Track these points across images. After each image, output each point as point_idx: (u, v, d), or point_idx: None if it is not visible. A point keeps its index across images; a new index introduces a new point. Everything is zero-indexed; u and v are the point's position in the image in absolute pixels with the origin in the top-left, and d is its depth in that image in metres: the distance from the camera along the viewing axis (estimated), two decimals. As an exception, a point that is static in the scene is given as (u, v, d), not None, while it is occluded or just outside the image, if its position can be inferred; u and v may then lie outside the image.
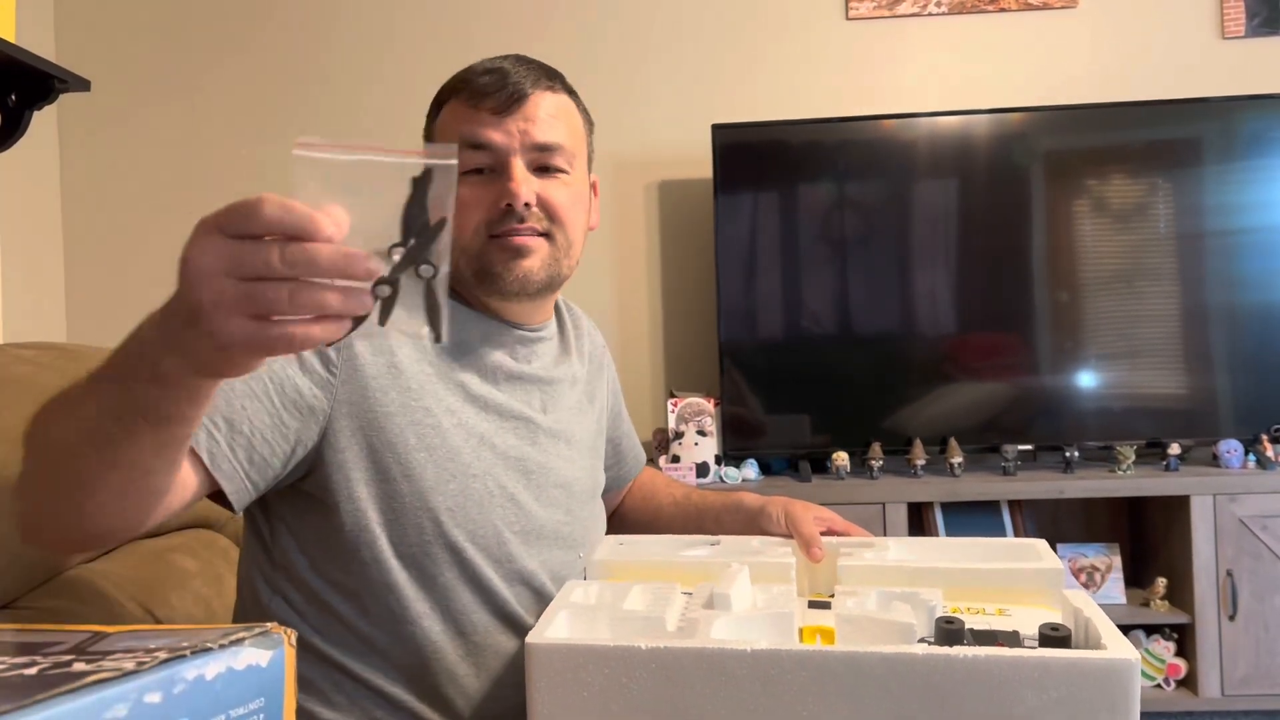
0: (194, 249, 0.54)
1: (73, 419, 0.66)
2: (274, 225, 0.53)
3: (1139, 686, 0.67)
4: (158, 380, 0.60)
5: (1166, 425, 2.44)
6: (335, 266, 0.53)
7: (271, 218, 0.52)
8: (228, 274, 0.53)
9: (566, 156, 0.97)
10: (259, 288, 0.53)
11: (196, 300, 0.54)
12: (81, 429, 0.65)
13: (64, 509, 0.71)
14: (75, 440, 0.66)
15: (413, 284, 0.57)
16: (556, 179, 0.97)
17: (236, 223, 0.53)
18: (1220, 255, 2.45)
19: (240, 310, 0.53)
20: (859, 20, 2.68)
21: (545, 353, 1.06)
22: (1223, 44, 2.63)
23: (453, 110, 0.97)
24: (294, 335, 0.54)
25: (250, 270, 0.53)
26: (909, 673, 0.68)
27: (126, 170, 2.75)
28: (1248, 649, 2.25)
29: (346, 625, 0.91)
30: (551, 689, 0.71)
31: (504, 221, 0.94)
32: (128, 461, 0.66)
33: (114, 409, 0.63)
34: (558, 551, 0.99)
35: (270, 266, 0.52)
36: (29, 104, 1.68)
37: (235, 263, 0.53)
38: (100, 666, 0.36)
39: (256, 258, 0.52)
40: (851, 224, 2.51)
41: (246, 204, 0.53)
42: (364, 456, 0.89)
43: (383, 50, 2.73)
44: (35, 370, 1.05)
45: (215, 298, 0.53)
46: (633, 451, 1.29)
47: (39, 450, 0.70)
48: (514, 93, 0.94)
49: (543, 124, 0.95)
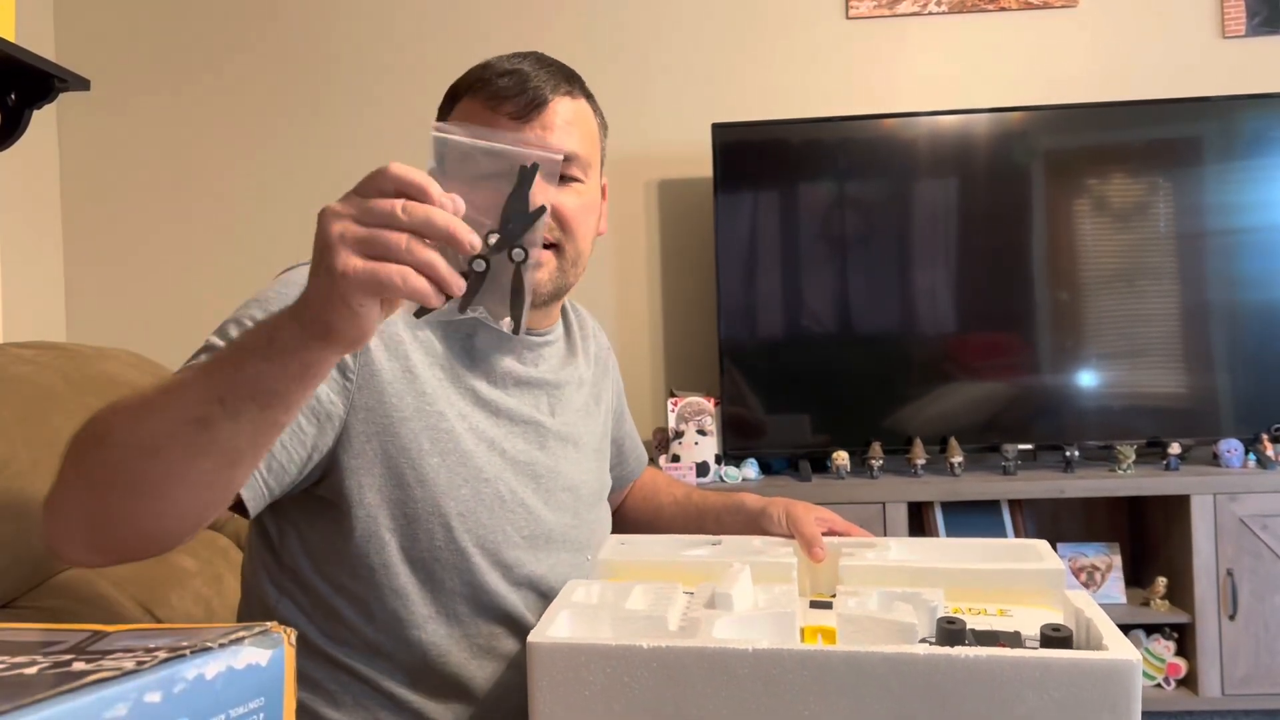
0: (332, 205, 0.62)
1: (157, 415, 0.67)
2: (400, 183, 0.60)
3: (1140, 687, 0.67)
4: (272, 352, 0.63)
5: (1167, 425, 2.44)
6: (447, 229, 0.60)
7: (399, 176, 0.60)
8: (356, 220, 0.60)
9: (581, 165, 0.96)
10: (380, 233, 0.60)
11: (325, 237, 0.60)
12: (170, 423, 0.66)
13: (128, 512, 0.70)
14: (159, 436, 0.67)
15: (503, 267, 0.64)
16: (570, 188, 0.96)
17: (368, 185, 0.61)
18: (1220, 255, 2.45)
19: (362, 250, 0.59)
20: (859, 19, 2.68)
21: (552, 356, 1.06)
22: (1223, 43, 2.63)
23: (469, 109, 0.96)
24: (406, 276, 0.59)
25: (375, 218, 0.60)
26: (910, 673, 0.68)
27: (126, 169, 2.75)
28: (1248, 648, 2.25)
29: (353, 628, 0.91)
30: (553, 688, 0.71)
31: None
32: (220, 449, 0.67)
33: (218, 392, 0.65)
34: (565, 555, 0.99)
35: (393, 217, 0.59)
36: (29, 103, 1.68)
37: (363, 210, 0.60)
38: (100, 666, 0.36)
39: (381, 208, 0.60)
40: (852, 223, 2.51)
41: (379, 170, 0.61)
42: (379, 462, 0.89)
43: (383, 48, 2.73)
44: (35, 370, 1.05)
45: (341, 232, 0.60)
46: (635, 452, 1.29)
47: (100, 455, 0.69)
48: (533, 99, 0.93)
49: (560, 132, 0.94)
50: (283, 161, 2.75)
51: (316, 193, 2.73)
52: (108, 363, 1.19)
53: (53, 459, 0.96)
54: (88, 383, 1.10)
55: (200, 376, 0.66)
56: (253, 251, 2.73)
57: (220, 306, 2.86)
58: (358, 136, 2.73)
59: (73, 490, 0.71)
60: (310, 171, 2.74)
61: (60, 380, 1.06)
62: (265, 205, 2.75)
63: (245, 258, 2.73)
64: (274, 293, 0.88)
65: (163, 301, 2.73)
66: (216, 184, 2.75)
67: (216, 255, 2.74)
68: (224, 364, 0.65)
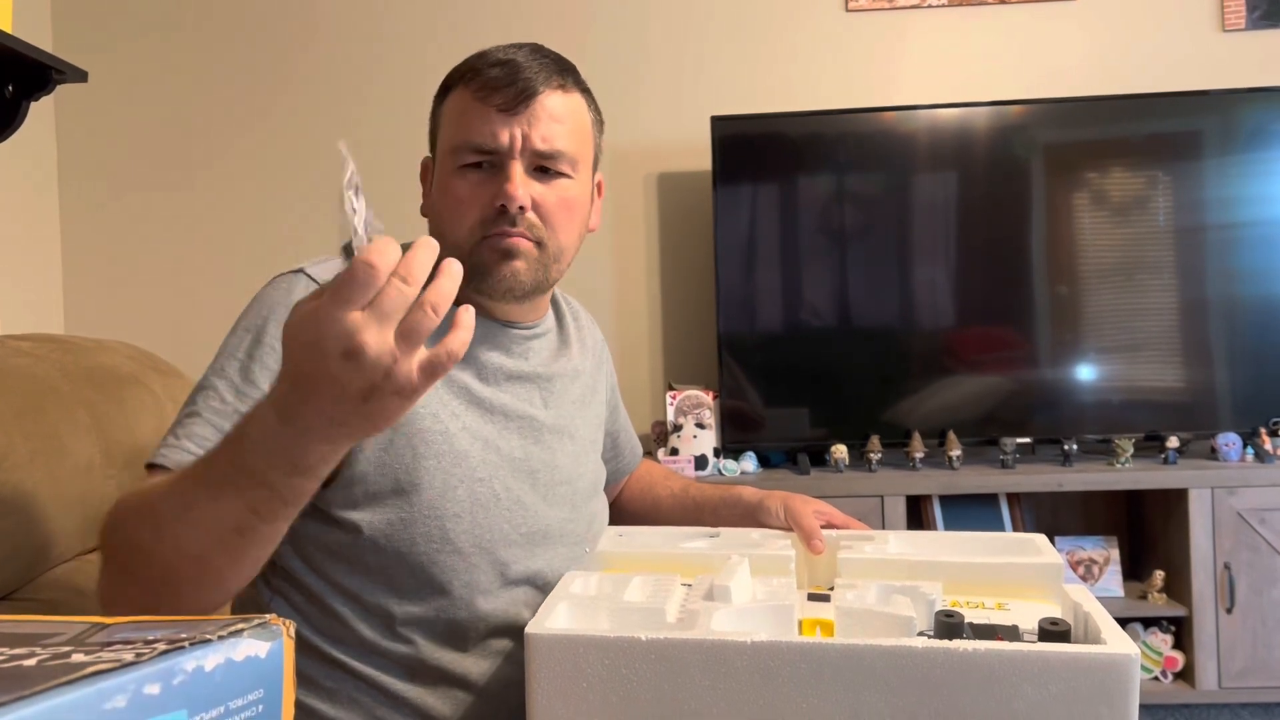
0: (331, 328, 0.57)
1: (198, 530, 0.68)
2: (377, 269, 0.57)
3: (1138, 681, 0.67)
4: (305, 468, 0.64)
5: (1165, 418, 2.44)
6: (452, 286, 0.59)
7: (372, 264, 0.57)
8: (378, 324, 0.57)
9: (569, 161, 0.95)
10: (417, 320, 0.58)
11: (364, 365, 0.58)
12: (211, 536, 0.67)
13: (185, 597, 0.71)
14: (203, 548, 0.68)
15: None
16: (555, 184, 0.95)
17: (346, 289, 0.57)
18: (1219, 249, 2.45)
19: (409, 351, 0.58)
20: (859, 12, 2.67)
21: (542, 349, 1.05)
22: (1223, 36, 2.62)
23: (459, 100, 0.95)
24: (452, 352, 0.60)
25: (394, 308, 0.58)
26: (908, 666, 0.68)
27: (123, 161, 2.75)
28: (1245, 642, 2.26)
29: (348, 626, 0.91)
30: (551, 679, 0.71)
31: (497, 222, 0.93)
32: (263, 539, 0.69)
33: (251, 505, 0.65)
34: (562, 549, 0.99)
35: (403, 299, 0.58)
36: (26, 95, 1.68)
37: (384, 315, 0.57)
38: (99, 658, 0.36)
39: (396, 298, 0.57)
40: (851, 216, 2.50)
41: (347, 273, 0.57)
42: (375, 470, 0.89)
43: (382, 41, 2.72)
44: (32, 362, 1.05)
45: (378, 352, 0.57)
46: (630, 445, 1.29)
47: (147, 562, 0.71)
48: (523, 90, 0.92)
49: (548, 127, 0.93)
50: (280, 153, 2.74)
51: (315, 184, 2.73)
52: (105, 355, 1.18)
53: (50, 451, 0.96)
54: (85, 375, 1.10)
55: (229, 491, 0.66)
56: (250, 243, 2.73)
57: (217, 297, 2.87)
58: (357, 127, 2.72)
59: (125, 589, 0.73)
60: (309, 162, 2.73)
61: (58, 372, 1.06)
62: (263, 197, 2.74)
63: (243, 248, 2.73)
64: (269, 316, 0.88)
65: (160, 293, 2.73)
66: (214, 176, 2.74)
67: (214, 246, 2.74)
68: (252, 479, 0.65)
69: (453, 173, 0.94)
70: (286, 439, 0.62)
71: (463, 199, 0.93)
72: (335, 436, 0.62)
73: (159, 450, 0.83)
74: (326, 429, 0.61)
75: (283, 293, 0.90)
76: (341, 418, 0.60)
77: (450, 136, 0.96)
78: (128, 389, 1.14)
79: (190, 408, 0.85)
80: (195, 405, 0.85)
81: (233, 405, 0.84)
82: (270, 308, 0.89)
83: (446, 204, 0.95)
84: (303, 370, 0.60)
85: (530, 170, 0.94)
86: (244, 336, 0.88)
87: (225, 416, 0.84)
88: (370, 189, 2.32)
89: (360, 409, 0.60)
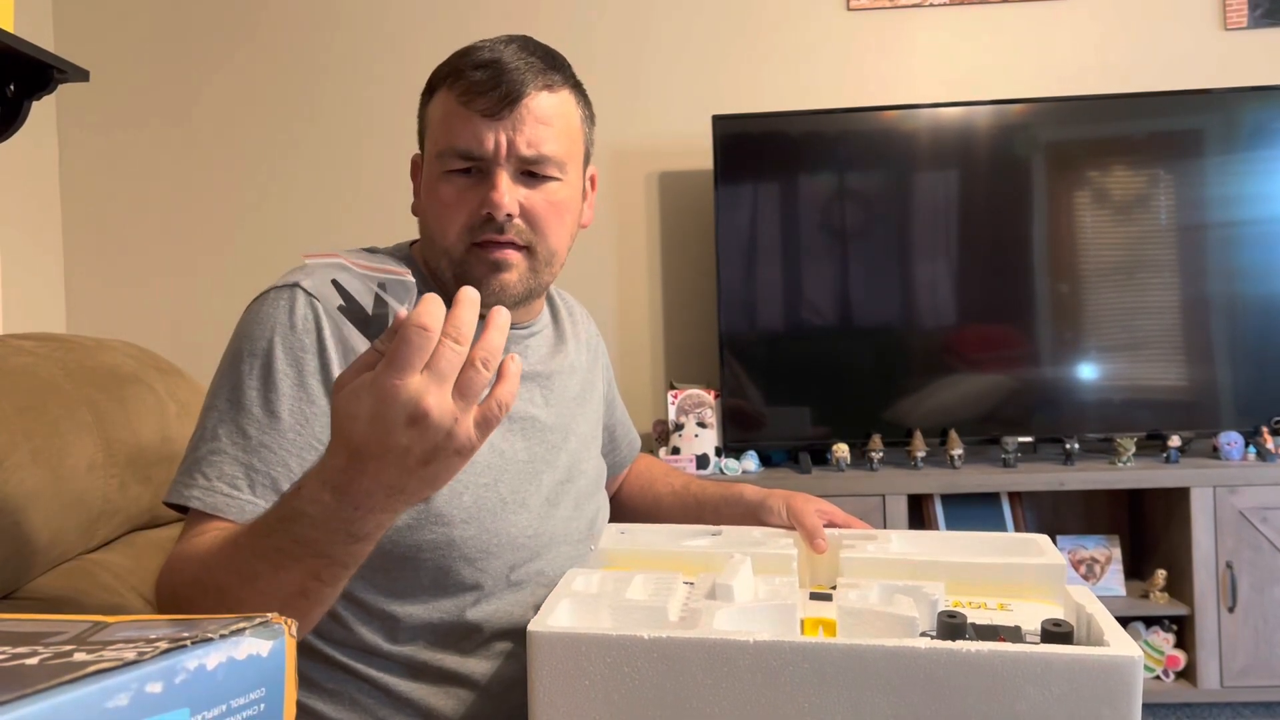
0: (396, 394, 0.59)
1: (263, 597, 0.68)
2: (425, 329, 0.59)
3: (1141, 683, 0.67)
4: (361, 536, 0.65)
5: (1167, 417, 2.44)
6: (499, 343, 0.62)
7: (423, 325, 0.59)
8: (437, 385, 0.59)
9: (557, 164, 0.93)
10: (470, 379, 0.60)
11: (429, 445, 0.60)
12: (276, 602, 0.68)
13: None
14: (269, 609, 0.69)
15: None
16: (544, 188, 0.93)
17: (405, 351, 0.59)
18: (1221, 247, 2.44)
19: (467, 409, 0.60)
20: (860, 10, 2.67)
21: (539, 347, 1.05)
22: (1225, 35, 2.62)
23: (443, 103, 0.93)
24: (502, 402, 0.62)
25: (447, 367, 0.59)
26: (911, 666, 0.68)
27: (125, 160, 2.75)
28: (1247, 641, 2.25)
29: (350, 629, 0.91)
30: (553, 677, 0.71)
31: (484, 229, 0.91)
32: (326, 598, 0.70)
33: (313, 571, 0.67)
34: (566, 548, 0.99)
35: (456, 358, 0.60)
36: (28, 94, 1.68)
37: (443, 376, 0.59)
38: (101, 656, 0.36)
39: (449, 359, 0.60)
40: (852, 215, 2.50)
41: (402, 334, 0.59)
42: None
43: (382, 38, 2.72)
44: (34, 361, 1.05)
45: (441, 415, 0.59)
46: (627, 438, 1.29)
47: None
48: (507, 94, 0.90)
49: (534, 131, 0.91)
50: (282, 153, 2.74)
51: (316, 184, 2.73)
52: (107, 354, 1.18)
53: (52, 450, 0.96)
54: (87, 374, 1.10)
55: (289, 562, 0.67)
56: (252, 242, 2.73)
57: (219, 297, 2.86)
58: (357, 128, 2.72)
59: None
60: (311, 162, 2.73)
61: (60, 372, 1.06)
62: (264, 196, 2.74)
63: (244, 248, 2.73)
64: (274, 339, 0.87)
65: (162, 292, 2.73)
66: (215, 175, 2.74)
67: (215, 246, 2.74)
68: (311, 551, 0.66)
69: (439, 177, 0.93)
70: (345, 513, 0.63)
71: (449, 205, 0.92)
72: (394, 505, 0.63)
73: (188, 490, 0.83)
74: (386, 498, 0.62)
75: (283, 312, 0.88)
76: (402, 484, 0.61)
77: (436, 141, 0.94)
78: (129, 388, 1.14)
79: (214, 443, 0.84)
80: (220, 441, 0.84)
81: (257, 440, 0.84)
82: (272, 329, 0.88)
83: (434, 209, 0.94)
84: (363, 443, 0.60)
85: (517, 175, 0.92)
86: (252, 364, 0.87)
87: (253, 453, 0.83)
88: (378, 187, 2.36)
89: (421, 473, 0.61)
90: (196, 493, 0.82)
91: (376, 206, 2.69)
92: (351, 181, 2.72)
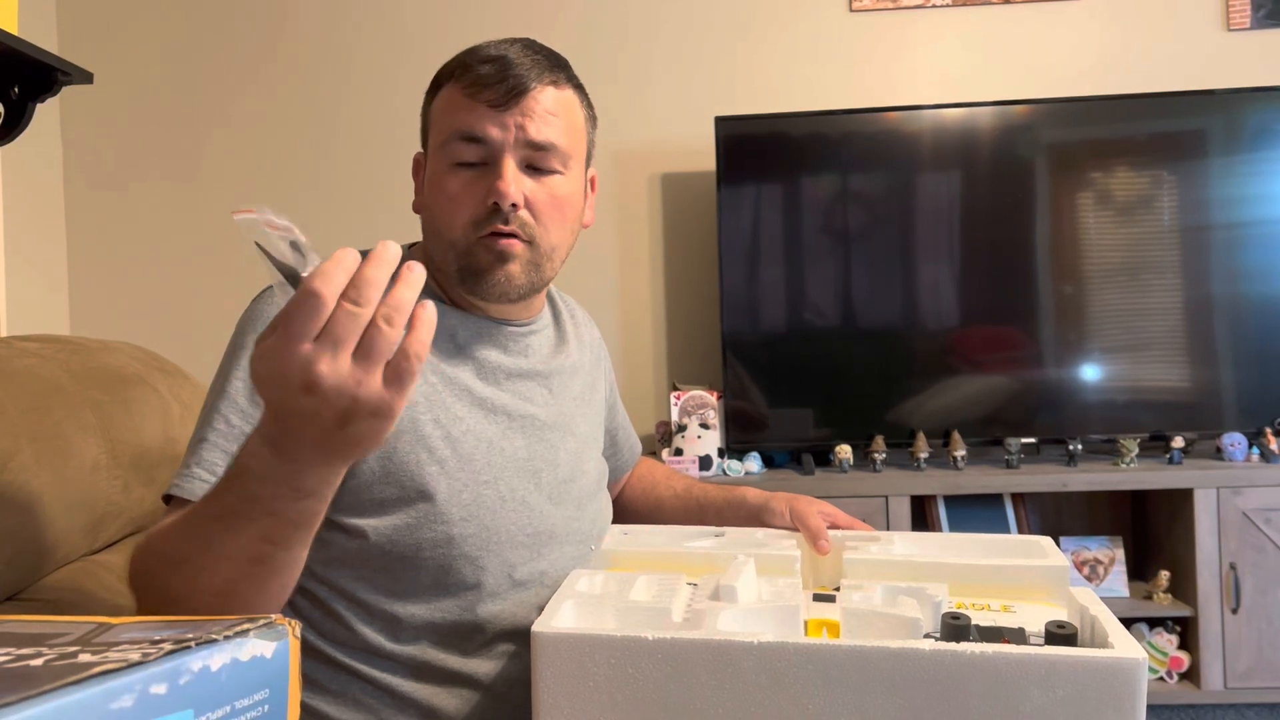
0: (294, 361, 0.57)
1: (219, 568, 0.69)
2: (325, 290, 0.56)
3: (1145, 685, 0.67)
4: (303, 494, 0.64)
5: (1170, 418, 2.43)
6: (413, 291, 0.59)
7: (318, 289, 0.56)
8: (333, 348, 0.57)
9: (561, 157, 0.94)
10: (372, 338, 0.57)
11: (337, 410, 0.58)
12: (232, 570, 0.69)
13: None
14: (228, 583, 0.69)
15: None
16: (548, 181, 0.94)
17: (298, 314, 0.56)
18: (1224, 248, 2.44)
19: (370, 370, 0.58)
20: (863, 12, 2.67)
21: (540, 345, 1.05)
22: (1228, 36, 2.62)
23: (449, 96, 0.94)
24: (418, 353, 0.59)
25: (346, 333, 0.57)
26: (915, 668, 0.68)
27: (129, 162, 2.75)
28: (1250, 642, 2.25)
29: (353, 629, 0.91)
30: (557, 678, 0.71)
31: (490, 220, 0.92)
32: (285, 564, 0.70)
33: (264, 534, 0.66)
34: (568, 548, 0.99)
35: (359, 315, 0.57)
36: (32, 96, 1.68)
37: (337, 341, 0.57)
38: (106, 658, 0.36)
39: (346, 322, 0.57)
40: (855, 216, 2.50)
41: (297, 298, 0.57)
42: (379, 476, 0.89)
43: (386, 39, 2.72)
44: (38, 362, 1.05)
45: (350, 386, 0.58)
46: (628, 442, 1.29)
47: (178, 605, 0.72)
48: (513, 86, 0.91)
49: (540, 122, 0.92)
50: (285, 153, 2.74)
51: (319, 184, 2.73)
52: (111, 355, 1.19)
53: (56, 451, 0.96)
54: (91, 375, 1.10)
55: (241, 522, 0.67)
56: (255, 244, 2.73)
57: (223, 299, 2.86)
58: (362, 128, 2.72)
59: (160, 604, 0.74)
60: (314, 163, 2.73)
61: (64, 373, 1.06)
62: (268, 198, 2.74)
63: (248, 250, 2.73)
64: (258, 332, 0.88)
65: (166, 294, 2.73)
66: (219, 176, 2.75)
67: (219, 248, 2.74)
68: (259, 508, 0.66)
69: (445, 170, 0.94)
70: (283, 468, 0.63)
71: (455, 196, 0.92)
72: (330, 460, 0.63)
73: (175, 481, 0.84)
74: (317, 454, 0.62)
75: (271, 307, 0.91)
76: (326, 444, 0.61)
77: (441, 131, 0.95)
78: (133, 389, 1.14)
79: (199, 433, 0.86)
80: (204, 431, 0.86)
81: (239, 428, 0.85)
82: (261, 323, 0.90)
83: (439, 201, 0.94)
84: (274, 404, 0.60)
85: (522, 167, 0.93)
86: (239, 356, 0.88)
87: (233, 440, 0.84)
88: (380, 189, 2.36)
89: (341, 435, 0.60)
90: (179, 481, 0.83)
91: (382, 205, 2.70)
92: (357, 182, 2.72)
